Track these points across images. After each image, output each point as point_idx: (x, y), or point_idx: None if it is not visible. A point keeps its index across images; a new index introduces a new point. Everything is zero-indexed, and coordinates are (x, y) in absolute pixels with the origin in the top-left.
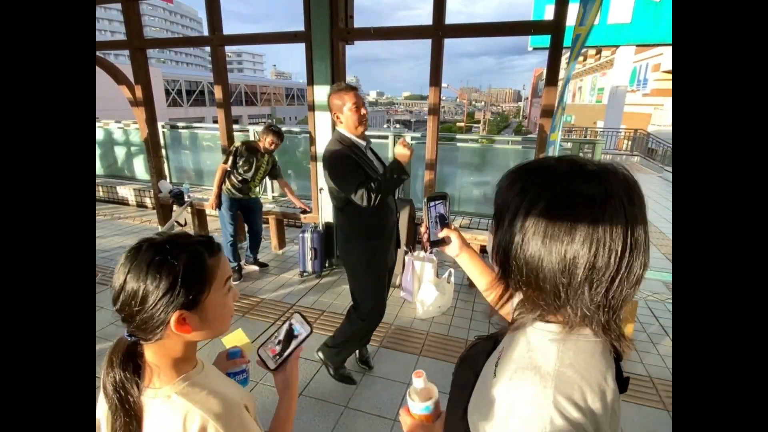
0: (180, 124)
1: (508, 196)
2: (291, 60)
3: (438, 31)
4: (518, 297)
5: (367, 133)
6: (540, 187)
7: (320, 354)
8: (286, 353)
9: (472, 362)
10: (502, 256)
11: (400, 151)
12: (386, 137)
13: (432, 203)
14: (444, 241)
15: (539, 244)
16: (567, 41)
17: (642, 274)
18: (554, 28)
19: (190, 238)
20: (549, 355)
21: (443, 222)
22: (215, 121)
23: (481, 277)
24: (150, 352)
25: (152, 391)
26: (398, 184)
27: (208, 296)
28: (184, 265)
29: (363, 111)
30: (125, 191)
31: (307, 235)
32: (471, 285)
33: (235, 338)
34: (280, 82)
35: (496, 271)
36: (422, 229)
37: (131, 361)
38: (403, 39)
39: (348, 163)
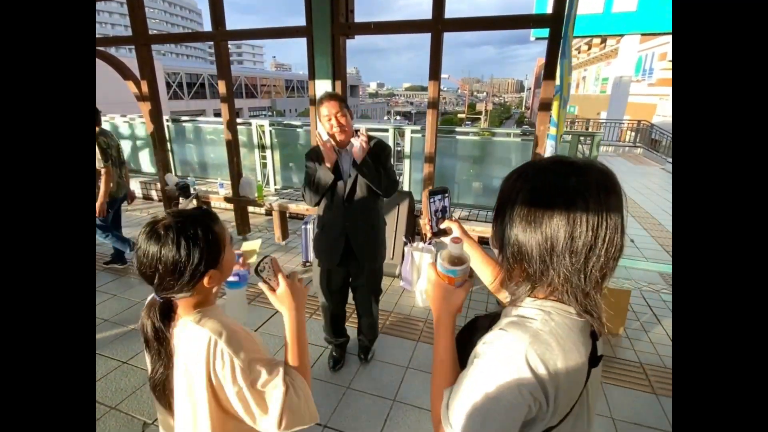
0: (184, 118)
1: (504, 189)
2: (291, 51)
3: (437, 25)
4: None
5: (368, 126)
6: (526, 181)
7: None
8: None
9: (470, 334)
10: (500, 239)
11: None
12: (386, 130)
13: (433, 197)
14: (445, 232)
15: (525, 224)
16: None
17: (619, 253)
18: (553, 21)
19: (195, 213)
20: (533, 319)
21: (444, 214)
22: (216, 114)
23: (482, 266)
24: (181, 302)
25: (177, 322)
26: (322, 182)
27: (224, 255)
28: (203, 236)
29: (333, 121)
30: (132, 184)
31: (310, 227)
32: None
33: (250, 246)
34: (280, 74)
35: (497, 255)
36: (424, 221)
37: (167, 313)
38: (402, 33)
39: (309, 157)
